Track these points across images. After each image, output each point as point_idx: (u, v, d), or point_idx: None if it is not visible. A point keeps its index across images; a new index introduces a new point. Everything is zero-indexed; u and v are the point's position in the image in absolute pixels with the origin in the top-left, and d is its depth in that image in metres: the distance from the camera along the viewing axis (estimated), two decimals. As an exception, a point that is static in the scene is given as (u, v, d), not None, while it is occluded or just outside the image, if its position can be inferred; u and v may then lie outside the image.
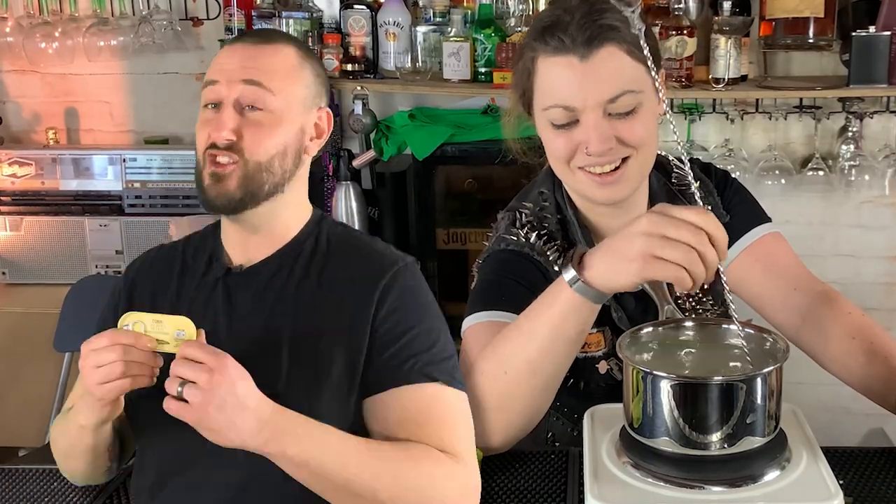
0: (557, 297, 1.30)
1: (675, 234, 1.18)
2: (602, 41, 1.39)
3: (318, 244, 1.42)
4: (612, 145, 1.41)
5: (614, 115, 1.41)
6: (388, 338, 1.34)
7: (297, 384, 1.31)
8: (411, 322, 1.35)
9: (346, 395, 1.33)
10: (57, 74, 3.30)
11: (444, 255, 2.92)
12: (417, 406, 1.31)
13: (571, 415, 1.58)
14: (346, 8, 2.94)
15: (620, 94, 1.40)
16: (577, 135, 1.43)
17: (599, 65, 1.39)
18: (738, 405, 1.12)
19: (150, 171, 3.11)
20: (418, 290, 1.40)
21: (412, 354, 1.33)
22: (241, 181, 1.34)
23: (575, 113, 1.42)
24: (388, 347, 1.33)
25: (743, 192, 1.68)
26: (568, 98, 1.41)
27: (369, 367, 1.33)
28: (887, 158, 2.88)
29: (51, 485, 1.49)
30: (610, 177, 1.44)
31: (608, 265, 1.25)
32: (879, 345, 1.49)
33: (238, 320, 1.37)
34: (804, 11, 2.63)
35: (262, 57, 1.37)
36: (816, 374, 1.62)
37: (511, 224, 1.57)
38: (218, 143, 1.33)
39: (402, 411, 1.32)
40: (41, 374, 2.86)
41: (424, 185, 2.89)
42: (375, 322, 1.34)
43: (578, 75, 1.40)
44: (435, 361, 1.34)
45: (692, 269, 1.18)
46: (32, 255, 3.16)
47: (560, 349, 1.34)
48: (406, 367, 1.32)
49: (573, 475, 1.41)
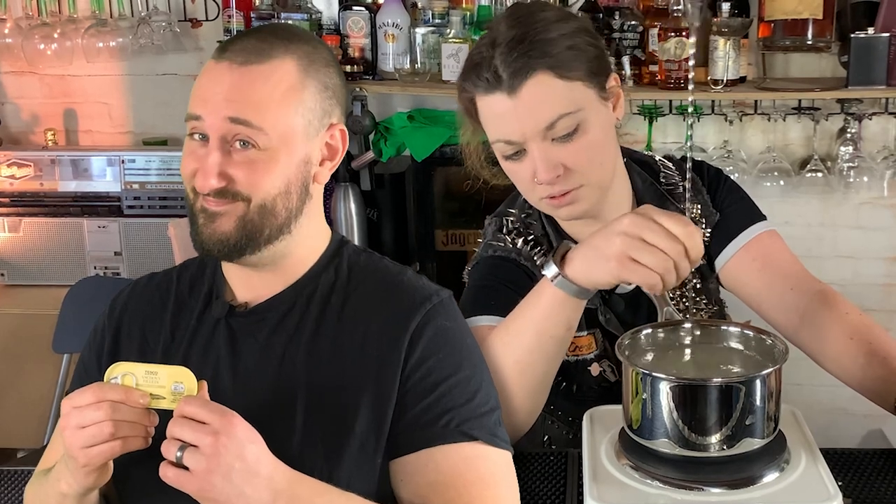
0: (542, 295, 1.32)
1: (653, 239, 1.20)
2: (527, 72, 1.38)
3: (337, 277, 1.22)
4: (560, 172, 1.41)
5: (557, 139, 1.41)
6: (421, 388, 1.16)
7: (315, 445, 1.14)
8: (448, 370, 1.17)
9: (372, 456, 1.15)
10: (56, 75, 3.30)
11: (442, 256, 2.93)
12: (454, 469, 1.14)
13: (566, 417, 1.58)
14: (345, 9, 2.94)
15: (556, 119, 1.39)
16: (528, 164, 1.43)
17: (528, 97, 1.39)
18: (738, 407, 1.12)
19: (149, 172, 3.11)
20: (456, 330, 1.21)
21: (448, 409, 1.15)
22: (239, 223, 1.15)
23: (519, 144, 1.42)
24: (420, 400, 1.15)
25: (737, 190, 1.68)
26: (507, 133, 1.42)
27: (398, 423, 1.15)
28: (886, 160, 2.88)
29: (49, 486, 1.48)
30: (563, 199, 1.45)
31: (587, 261, 1.27)
32: (878, 345, 1.49)
33: (244, 369, 1.19)
34: (803, 13, 2.63)
35: (249, 85, 1.14)
36: (815, 375, 1.62)
37: (498, 230, 1.59)
38: (204, 191, 1.14)
39: (435, 475, 1.14)
40: (40, 376, 2.86)
41: (423, 186, 2.89)
42: (406, 370, 1.16)
43: (511, 110, 1.40)
44: (474, 416, 1.16)
45: (666, 276, 1.20)
46: (31, 256, 3.16)
47: (547, 348, 1.34)
48: (441, 424, 1.15)
49: (572, 477, 1.41)
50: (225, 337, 1.21)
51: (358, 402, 1.15)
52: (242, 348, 1.20)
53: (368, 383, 1.16)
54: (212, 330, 1.22)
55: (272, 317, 1.20)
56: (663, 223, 1.20)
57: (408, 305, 1.19)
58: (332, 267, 1.23)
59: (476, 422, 1.16)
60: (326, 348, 1.18)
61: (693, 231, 1.21)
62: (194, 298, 1.26)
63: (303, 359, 1.17)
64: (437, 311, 1.20)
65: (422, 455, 1.15)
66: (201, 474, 1.00)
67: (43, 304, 2.95)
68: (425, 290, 1.22)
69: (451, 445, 1.14)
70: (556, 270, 1.28)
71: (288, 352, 1.18)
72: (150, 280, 1.31)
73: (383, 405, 1.15)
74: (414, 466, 1.15)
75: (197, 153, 1.16)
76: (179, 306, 1.26)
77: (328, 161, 1.22)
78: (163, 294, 1.28)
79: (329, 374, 1.16)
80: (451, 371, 1.17)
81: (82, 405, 1.04)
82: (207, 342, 1.21)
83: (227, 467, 0.99)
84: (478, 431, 1.16)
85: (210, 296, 1.25)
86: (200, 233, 1.16)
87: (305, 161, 1.19)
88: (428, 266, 2.94)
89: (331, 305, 1.20)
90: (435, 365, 1.17)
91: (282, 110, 1.16)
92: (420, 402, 1.15)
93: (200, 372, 1.09)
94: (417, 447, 1.15)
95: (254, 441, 1.02)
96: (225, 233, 1.15)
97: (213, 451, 0.99)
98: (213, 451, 0.99)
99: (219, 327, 1.22)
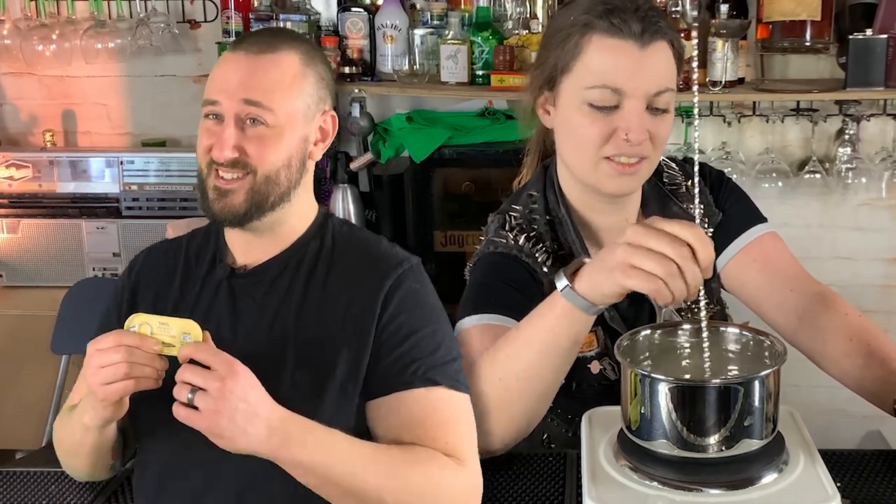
0: (552, 307, 1.32)
1: (656, 245, 1.18)
2: (660, 34, 1.43)
3: (322, 245, 1.41)
4: (646, 138, 1.43)
5: (651, 109, 1.44)
6: (393, 341, 1.34)
7: (302, 387, 1.31)
8: (416, 325, 1.35)
9: (350, 397, 1.33)
10: (54, 77, 3.30)
11: (441, 257, 2.92)
12: (422, 410, 1.32)
13: (566, 416, 1.58)
14: (343, 10, 2.94)
15: (664, 90, 1.44)
16: (616, 120, 1.43)
17: (653, 56, 1.43)
18: (736, 408, 1.12)
19: (148, 173, 3.11)
20: (423, 292, 1.40)
21: (416, 358, 1.33)
22: (248, 195, 1.34)
23: (619, 97, 1.43)
24: (392, 351, 1.33)
25: (738, 191, 1.68)
26: (619, 81, 1.42)
27: (373, 370, 1.33)
28: (884, 161, 2.89)
29: (48, 487, 1.48)
30: (632, 167, 1.46)
31: (593, 275, 1.27)
32: (877, 346, 1.49)
33: (242, 323, 1.37)
34: (801, 14, 2.63)
35: (261, 71, 1.35)
36: (814, 376, 1.62)
37: (500, 227, 1.58)
38: (221, 161, 1.33)
39: (406, 415, 1.32)
40: (38, 377, 2.86)
41: (422, 187, 2.89)
42: (380, 325, 1.34)
43: (635, 61, 1.42)
44: (438, 365, 1.34)
45: (670, 282, 1.18)
46: (30, 257, 3.16)
47: (555, 358, 1.35)
48: (410, 371, 1.32)
49: (571, 478, 1.41)
50: (226, 296, 1.39)
51: (339, 352, 1.33)
52: (241, 307, 1.38)
53: (348, 336, 1.34)
54: (215, 290, 1.40)
55: (267, 278, 1.39)
56: (665, 228, 1.19)
57: (382, 270, 1.37)
58: (318, 236, 1.42)
59: (440, 370, 1.34)
60: (313, 307, 1.36)
61: (701, 233, 1.19)
62: (200, 263, 1.44)
63: (292, 316, 1.36)
64: (408, 275, 1.39)
65: (394, 398, 1.33)
66: (209, 414, 1.15)
67: (41, 305, 2.95)
68: (398, 257, 1.41)
69: (419, 390, 1.32)
70: (566, 283, 1.28)
71: (280, 310, 1.37)
72: (162, 245, 1.50)
73: (360, 355, 1.33)
74: (387, 408, 1.33)
75: (212, 130, 1.35)
76: (188, 269, 1.44)
77: (321, 142, 1.42)
78: (174, 258, 1.46)
79: (314, 330, 1.35)
80: (419, 326, 1.36)
81: (103, 348, 1.21)
82: (211, 299, 1.40)
83: (231, 408, 1.15)
84: (441, 378, 1.33)
85: (214, 260, 1.43)
86: (212, 206, 1.35)
87: (304, 139, 1.39)
88: (427, 267, 2.93)
89: (317, 270, 1.39)
90: (405, 321, 1.35)
91: (287, 94, 1.36)
92: (392, 352, 1.33)
93: (205, 324, 1.24)
94: (390, 391, 1.33)
95: (254, 386, 1.18)
96: (236, 205, 1.34)
97: (220, 395, 1.15)
98: (219, 394, 1.15)
99: (221, 288, 1.40)
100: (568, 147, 1.51)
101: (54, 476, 1.50)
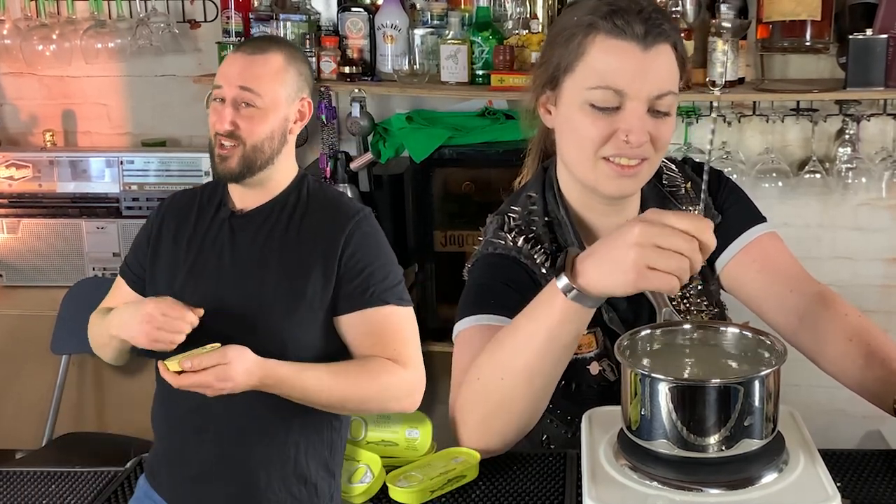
0: (553, 305, 1.29)
1: (668, 243, 1.17)
2: (663, 37, 1.43)
3: (300, 196, 1.87)
4: (646, 140, 1.43)
5: (652, 111, 1.43)
6: (353, 272, 1.78)
7: (281, 295, 1.77)
8: (369, 259, 1.80)
9: (317, 313, 1.78)
10: (54, 76, 3.30)
11: (441, 257, 2.92)
12: (377, 323, 1.78)
13: (565, 416, 1.57)
14: (343, 10, 2.94)
15: (666, 93, 1.43)
16: (617, 121, 1.43)
17: (656, 59, 1.42)
18: (736, 408, 1.12)
19: (148, 173, 3.11)
20: (375, 234, 1.85)
21: (371, 284, 1.78)
22: (240, 160, 1.80)
23: (621, 98, 1.42)
24: (352, 279, 1.78)
25: (738, 191, 1.68)
26: (621, 82, 1.42)
27: (338, 292, 1.78)
28: (884, 161, 2.89)
29: (48, 487, 1.49)
30: (631, 169, 1.45)
31: (602, 273, 1.23)
32: (877, 346, 1.49)
33: (239, 250, 1.82)
34: (801, 14, 2.64)
35: (253, 66, 1.82)
36: (814, 376, 1.62)
37: (499, 228, 1.58)
38: (220, 132, 1.79)
39: (366, 327, 1.79)
40: (38, 377, 2.86)
41: (422, 187, 2.89)
42: (343, 258, 1.79)
43: (637, 63, 1.41)
44: (388, 288, 1.80)
45: (683, 276, 1.18)
46: (30, 257, 3.16)
47: (556, 354, 1.33)
48: (367, 295, 1.78)
49: (571, 477, 1.41)
50: (227, 231, 1.84)
51: (309, 276, 1.78)
52: (238, 239, 1.83)
53: (317, 265, 1.79)
54: (219, 227, 1.85)
55: (258, 219, 1.84)
56: (673, 224, 1.18)
57: (343, 217, 1.83)
58: (297, 191, 1.88)
59: (389, 292, 1.80)
60: (292, 241, 1.81)
61: (704, 225, 1.19)
62: (210, 206, 1.89)
63: (276, 246, 1.81)
64: (362, 221, 1.83)
65: (356, 315, 1.79)
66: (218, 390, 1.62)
67: (41, 305, 2.95)
68: (355, 207, 1.86)
69: (374, 308, 1.78)
70: (567, 282, 1.25)
71: (267, 242, 1.82)
72: (185, 193, 1.95)
73: (327, 280, 1.78)
74: (352, 322, 1.80)
75: (217, 109, 1.82)
76: (200, 210, 1.89)
77: (300, 121, 1.89)
78: (191, 202, 1.91)
79: (292, 256, 1.80)
80: (372, 260, 1.81)
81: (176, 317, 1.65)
82: (217, 233, 1.85)
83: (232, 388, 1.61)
84: (391, 298, 1.80)
85: (219, 205, 1.88)
86: (217, 166, 1.82)
87: (285, 119, 1.85)
88: (427, 267, 2.94)
89: (295, 214, 1.84)
90: (361, 256, 1.80)
91: (274, 82, 1.83)
92: (353, 280, 1.79)
93: (212, 250, 1.81)
94: (353, 309, 1.79)
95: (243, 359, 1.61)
96: (232, 167, 1.80)
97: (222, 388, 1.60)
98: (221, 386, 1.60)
99: (224, 225, 1.85)
100: (568, 147, 1.51)
101: (54, 476, 1.50)
